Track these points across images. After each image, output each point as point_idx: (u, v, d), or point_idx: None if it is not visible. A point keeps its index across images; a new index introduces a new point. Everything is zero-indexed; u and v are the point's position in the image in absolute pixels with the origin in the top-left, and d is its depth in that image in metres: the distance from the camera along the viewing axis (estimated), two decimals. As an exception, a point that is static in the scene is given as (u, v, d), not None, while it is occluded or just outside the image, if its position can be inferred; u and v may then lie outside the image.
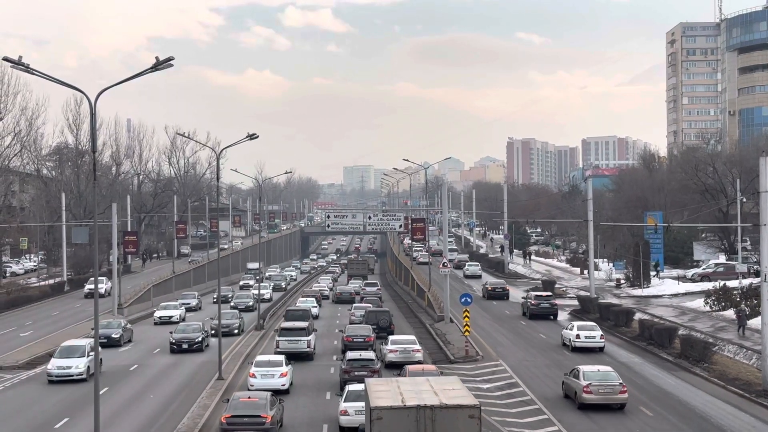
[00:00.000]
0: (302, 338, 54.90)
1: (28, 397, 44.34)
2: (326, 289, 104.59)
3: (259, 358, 46.83)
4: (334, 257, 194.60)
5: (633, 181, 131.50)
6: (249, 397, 35.40)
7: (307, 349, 54.78)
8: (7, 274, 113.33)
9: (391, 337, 54.39)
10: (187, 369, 51.73)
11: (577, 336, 56.82)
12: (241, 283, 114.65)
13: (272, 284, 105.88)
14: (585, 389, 39.51)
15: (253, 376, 43.84)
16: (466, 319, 56.43)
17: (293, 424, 37.16)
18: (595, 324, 60.64)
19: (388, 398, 25.17)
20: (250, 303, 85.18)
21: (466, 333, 56.55)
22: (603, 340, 56.77)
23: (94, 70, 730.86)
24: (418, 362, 48.37)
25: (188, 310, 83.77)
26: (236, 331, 66.54)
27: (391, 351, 51.17)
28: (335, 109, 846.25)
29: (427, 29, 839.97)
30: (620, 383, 39.94)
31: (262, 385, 42.52)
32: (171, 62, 28.58)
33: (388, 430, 23.98)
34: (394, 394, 25.55)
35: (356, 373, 42.02)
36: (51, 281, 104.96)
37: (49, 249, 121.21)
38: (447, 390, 25.87)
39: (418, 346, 52.14)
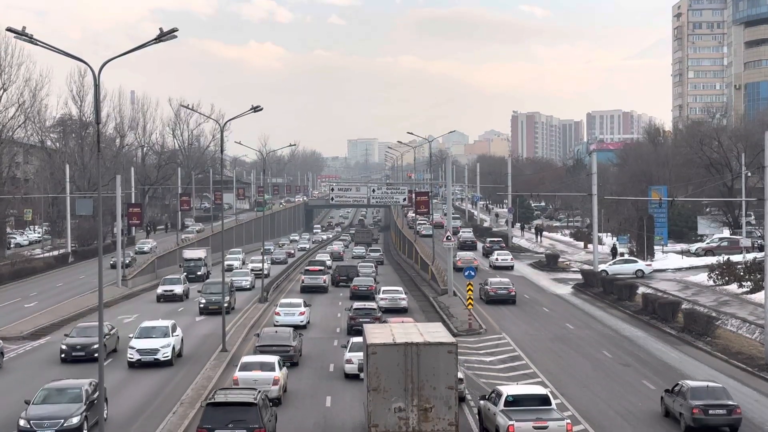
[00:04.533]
0: (320, 276, 77.96)
1: (33, 369, 44.52)
2: (340, 250, 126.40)
3: (283, 300, 60.71)
4: (336, 232, 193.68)
5: (638, 155, 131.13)
6: (276, 332, 45.18)
7: (323, 284, 77.46)
8: (12, 246, 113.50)
9: (382, 288, 67.35)
10: (191, 341, 51.86)
11: (496, 259, 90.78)
12: (160, 290, 71.76)
13: (204, 301, 62.95)
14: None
15: (278, 314, 55.91)
16: (470, 292, 56.51)
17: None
18: (509, 252, 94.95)
19: (381, 338, 29.65)
20: (74, 422, 30.53)
21: (470, 306, 56.66)
22: (513, 261, 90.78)
23: (97, 41, 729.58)
24: (404, 309, 61.35)
25: None
26: None
27: (382, 299, 62.77)
28: (338, 81, 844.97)
29: (427, 2, 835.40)
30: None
31: (285, 321, 54.35)
32: (175, 34, 28.40)
33: (381, 362, 28.45)
34: (387, 335, 30.05)
35: (360, 320, 50.05)
36: (55, 253, 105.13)
37: (53, 221, 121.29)
38: (431, 332, 30.85)
39: (403, 296, 64.70)
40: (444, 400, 28.22)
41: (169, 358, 43.55)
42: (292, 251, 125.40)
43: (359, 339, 37.68)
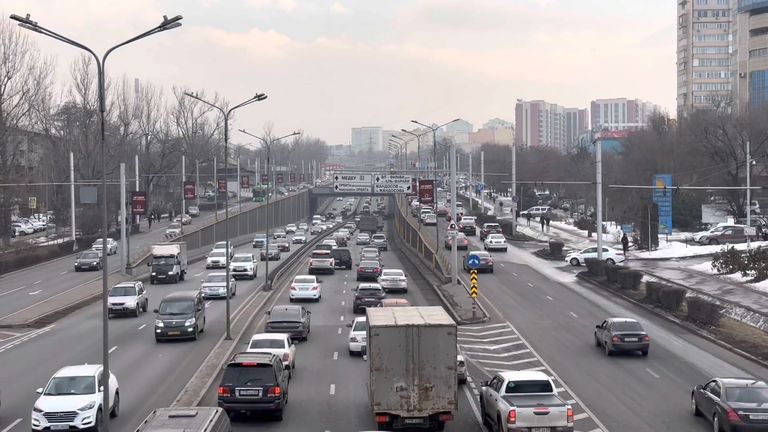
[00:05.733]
0: (327, 259, 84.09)
1: (38, 356, 44.64)
2: (344, 236, 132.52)
3: (298, 277, 67.43)
4: (337, 222, 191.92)
5: (642, 143, 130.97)
6: (286, 309, 48.97)
7: (330, 267, 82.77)
8: (16, 234, 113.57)
9: (384, 270, 73.32)
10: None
11: (490, 241, 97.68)
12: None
13: (161, 324, 47.61)
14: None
15: (294, 288, 63.15)
16: (474, 280, 56.51)
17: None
18: (502, 235, 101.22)
19: (384, 320, 30.74)
20: None
21: (474, 295, 56.67)
22: (506, 244, 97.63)
23: (100, 29, 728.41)
24: (403, 290, 66.61)
25: None
26: None
27: (383, 280, 67.65)
28: (342, 69, 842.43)
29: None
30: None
31: (300, 294, 61.90)
32: (179, 21, 28.34)
33: (383, 344, 29.45)
34: (389, 318, 31.11)
35: (366, 299, 55.15)
36: (60, 241, 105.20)
37: (57, 209, 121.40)
38: (432, 315, 31.82)
39: (403, 278, 70.01)
40: (444, 379, 29.29)
41: (92, 424, 30.12)
42: (287, 244, 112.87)
43: (364, 318, 38.79)
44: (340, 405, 34.13)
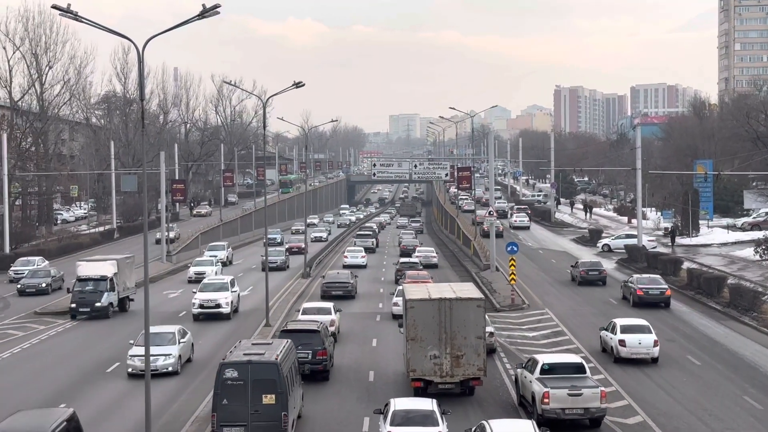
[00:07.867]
0: (369, 239, 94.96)
1: (80, 342, 45.14)
2: (384, 221, 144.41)
3: (349, 248, 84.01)
4: (369, 212, 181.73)
5: (683, 129, 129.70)
6: (338, 273, 60.22)
7: (372, 246, 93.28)
8: (58, 222, 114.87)
9: (418, 249, 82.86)
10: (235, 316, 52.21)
11: (514, 220, 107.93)
12: None
13: None
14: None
15: (346, 257, 78.54)
16: (512, 267, 56.33)
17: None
18: (526, 214, 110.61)
19: (418, 294, 33.76)
20: None
21: (512, 281, 56.50)
22: (529, 222, 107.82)
23: (139, 18, 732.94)
24: (434, 265, 75.25)
25: None
26: None
27: (417, 256, 76.58)
28: (379, 56, 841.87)
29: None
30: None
31: (351, 262, 76.36)
32: (218, 10, 28.41)
33: (418, 315, 32.31)
34: (424, 292, 34.10)
35: (406, 271, 61.79)
36: (101, 229, 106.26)
37: (98, 197, 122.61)
38: (463, 290, 34.62)
39: (434, 254, 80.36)
40: (474, 348, 32.05)
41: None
42: (302, 245, 79.91)
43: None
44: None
